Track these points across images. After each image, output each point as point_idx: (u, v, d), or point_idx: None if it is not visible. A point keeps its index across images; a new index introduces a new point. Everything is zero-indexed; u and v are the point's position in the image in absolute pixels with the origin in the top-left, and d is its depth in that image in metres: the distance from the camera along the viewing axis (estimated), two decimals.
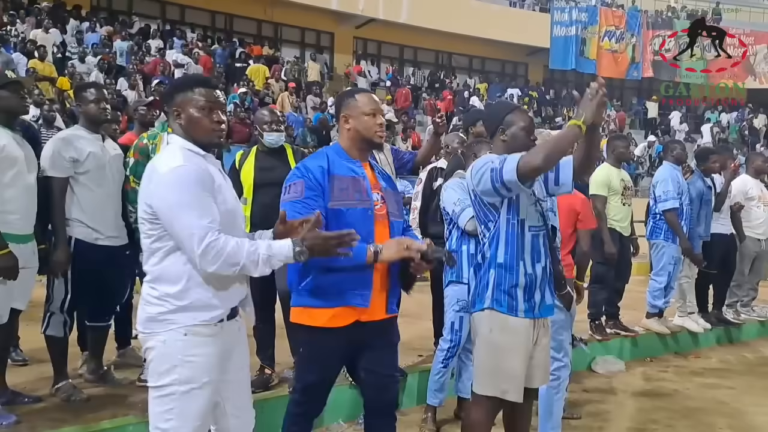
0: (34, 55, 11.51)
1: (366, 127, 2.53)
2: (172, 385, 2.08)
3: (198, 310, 2.09)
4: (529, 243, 2.73)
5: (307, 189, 2.43)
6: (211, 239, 1.99)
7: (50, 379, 3.69)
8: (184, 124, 2.16)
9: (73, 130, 3.71)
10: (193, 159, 2.11)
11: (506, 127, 2.81)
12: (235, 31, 18.87)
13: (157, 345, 2.09)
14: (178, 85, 2.32)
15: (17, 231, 3.29)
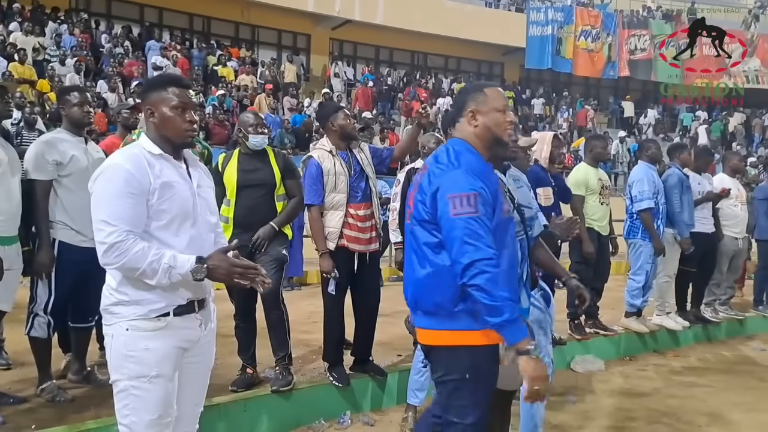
0: (14, 58, 11.47)
1: (497, 123, 2.31)
2: (122, 380, 2.15)
3: (136, 305, 2.14)
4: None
5: (482, 204, 2.17)
6: (117, 240, 2.05)
7: (34, 380, 3.74)
8: (157, 122, 2.23)
9: (56, 133, 3.76)
10: (136, 160, 2.14)
11: None
12: (213, 34, 18.86)
13: (108, 340, 2.18)
14: (151, 84, 2.37)
15: (1, 233, 3.36)
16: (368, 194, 4.08)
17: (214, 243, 2.35)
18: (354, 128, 4.20)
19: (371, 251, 4.09)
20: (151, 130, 2.25)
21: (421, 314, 2.32)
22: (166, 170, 2.19)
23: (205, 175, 2.41)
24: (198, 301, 2.25)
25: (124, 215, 2.07)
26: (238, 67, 15.87)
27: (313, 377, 4.21)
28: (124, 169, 2.11)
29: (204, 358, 2.34)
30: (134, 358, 2.12)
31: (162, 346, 2.15)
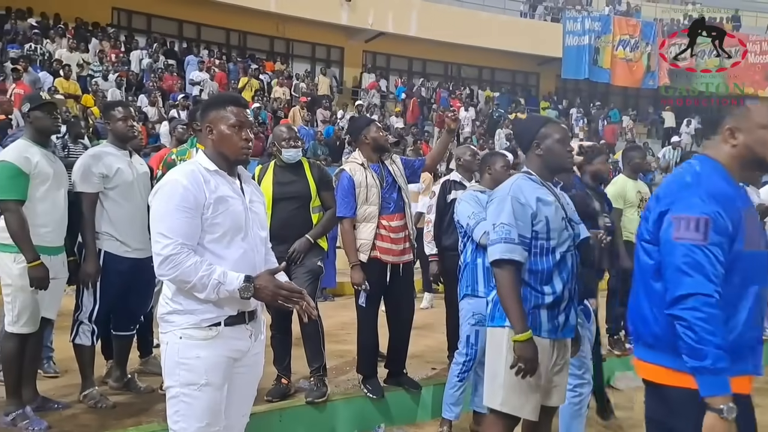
0: (60, 74, 11.93)
1: (763, 142, 2.04)
2: (174, 387, 2.25)
3: (189, 314, 2.24)
4: (557, 267, 2.70)
5: (715, 232, 1.92)
6: (172, 252, 2.16)
7: (78, 386, 3.88)
8: (215, 139, 2.33)
9: (102, 147, 3.92)
10: (193, 177, 2.25)
11: (541, 141, 2.77)
12: (249, 48, 19.26)
13: (163, 347, 2.29)
14: (211, 103, 2.48)
15: (48, 243, 3.50)
16: (401, 205, 4.13)
17: (264, 258, 2.44)
18: (386, 140, 4.26)
19: (404, 262, 4.13)
20: (209, 147, 2.36)
21: (642, 345, 2.14)
22: (221, 186, 2.29)
23: (257, 191, 2.51)
24: (248, 313, 2.33)
25: (179, 229, 2.18)
26: (270, 80, 16.12)
27: (347, 389, 4.25)
28: (181, 185, 2.21)
29: (253, 369, 2.42)
30: (186, 366, 2.21)
31: (212, 355, 2.23)
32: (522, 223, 2.65)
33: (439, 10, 19.68)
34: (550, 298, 2.70)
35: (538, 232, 2.68)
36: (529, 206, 2.67)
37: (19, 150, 3.44)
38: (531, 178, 2.77)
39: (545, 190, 2.75)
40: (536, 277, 2.70)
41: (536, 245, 2.68)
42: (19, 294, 3.43)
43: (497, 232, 2.66)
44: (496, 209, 2.70)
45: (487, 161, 4.17)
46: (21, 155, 3.41)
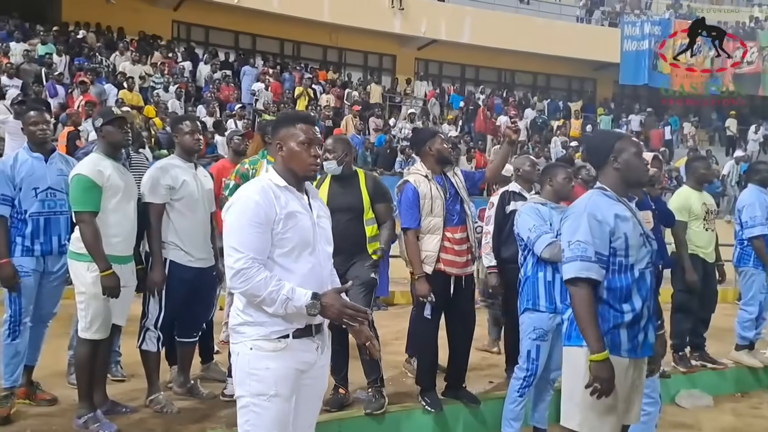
0: (123, 86, 12.42)
1: None
2: (245, 397, 2.32)
3: (259, 326, 2.30)
4: (636, 284, 2.68)
5: None
6: (243, 266, 2.23)
7: (143, 390, 4.03)
8: (285, 156, 2.40)
9: (169, 159, 4.07)
10: (264, 193, 2.32)
11: (617, 155, 2.73)
12: (303, 57, 19.60)
13: (234, 357, 2.37)
14: (282, 120, 2.57)
15: (119, 253, 3.66)
16: (464, 217, 4.13)
17: (330, 273, 2.50)
18: (450, 152, 4.27)
19: (467, 275, 4.13)
20: (279, 163, 2.43)
21: None
22: (290, 201, 2.36)
23: (324, 207, 2.58)
24: (315, 326, 2.39)
25: (251, 244, 2.25)
26: (323, 89, 16.33)
27: (402, 400, 4.26)
28: (253, 201, 2.29)
29: (319, 381, 2.48)
30: (256, 377, 2.28)
31: (281, 367, 2.29)
32: (599, 240, 2.62)
33: (493, 17, 19.60)
34: (630, 316, 2.65)
35: (616, 249, 2.64)
36: (606, 223, 2.63)
37: (92, 163, 3.61)
38: (606, 194, 2.74)
39: (622, 206, 2.71)
40: (615, 295, 2.65)
41: (614, 262, 2.64)
42: (92, 301, 3.58)
43: (572, 250, 2.63)
44: (572, 226, 2.68)
45: (549, 173, 4.13)
46: (94, 168, 3.58)
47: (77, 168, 3.62)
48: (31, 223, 3.77)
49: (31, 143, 3.88)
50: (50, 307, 4.01)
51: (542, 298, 3.86)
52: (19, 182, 3.76)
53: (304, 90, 15.06)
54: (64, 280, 3.98)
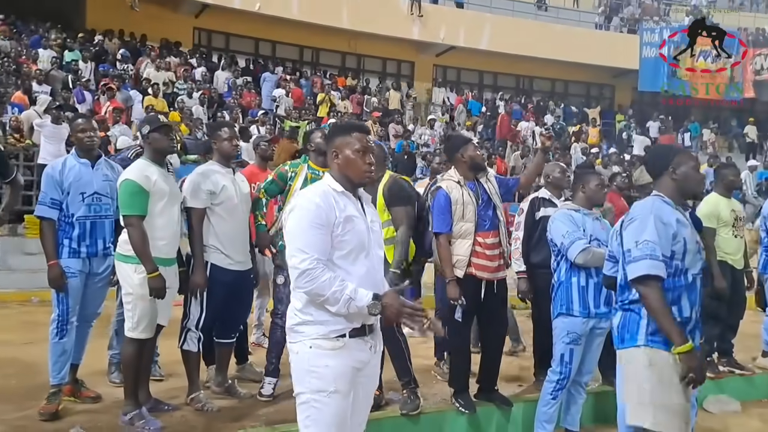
0: (148, 92, 12.61)
1: None
2: (305, 393, 2.41)
3: (319, 325, 2.40)
4: (687, 289, 2.80)
5: None
6: (309, 267, 2.33)
7: (181, 389, 4.18)
8: (341, 163, 2.51)
9: (209, 165, 4.19)
10: (325, 196, 2.44)
11: (677, 167, 2.89)
12: (321, 64, 19.83)
13: (293, 356, 2.46)
14: (337, 129, 2.67)
15: (164, 255, 3.80)
16: (496, 223, 4.21)
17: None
18: (483, 159, 4.36)
19: (498, 279, 4.21)
20: (335, 170, 2.54)
21: None
22: (348, 206, 2.48)
23: (376, 213, 2.70)
24: (368, 326, 2.49)
25: (315, 245, 2.36)
26: (341, 96, 16.45)
27: (435, 402, 4.34)
28: (314, 204, 2.40)
29: (371, 380, 2.59)
30: (316, 374, 2.38)
31: (340, 365, 2.39)
32: (664, 241, 2.73)
33: (511, 24, 19.69)
34: (678, 319, 2.74)
35: (675, 253, 2.75)
36: (670, 226, 2.76)
37: (139, 169, 3.76)
38: (666, 201, 2.87)
39: (680, 213, 2.84)
40: (668, 297, 2.75)
41: (671, 265, 2.75)
42: (139, 302, 3.72)
43: (641, 249, 2.71)
44: (639, 227, 2.77)
45: (581, 179, 4.20)
46: (142, 174, 3.72)
47: (125, 174, 3.76)
48: (78, 227, 3.92)
49: (78, 149, 4.03)
50: (94, 308, 4.15)
51: (576, 303, 3.93)
52: (67, 187, 3.91)
53: (325, 96, 15.23)
54: (108, 281, 4.13)
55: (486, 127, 17.69)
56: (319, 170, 4.29)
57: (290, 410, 4.04)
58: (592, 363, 4.14)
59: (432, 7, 19.38)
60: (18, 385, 4.43)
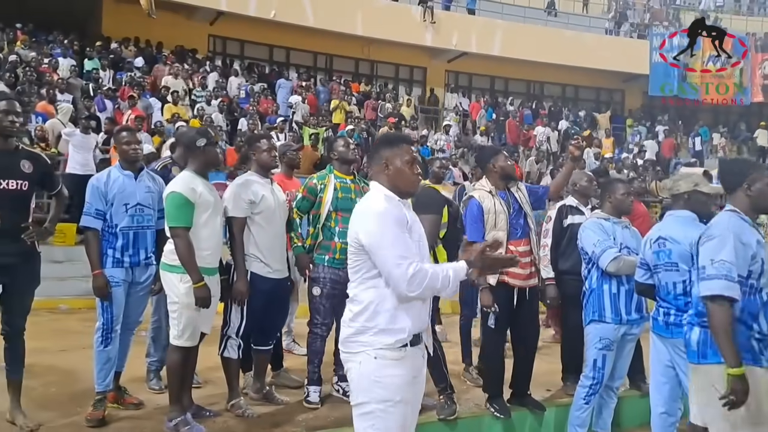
0: (168, 99, 12.70)
1: None
2: (370, 403, 2.43)
3: (383, 334, 2.43)
4: (764, 306, 2.84)
5: None
6: (416, 269, 2.37)
7: (218, 395, 4.28)
8: (391, 174, 2.57)
9: (248, 175, 4.27)
10: (393, 203, 2.51)
11: (752, 183, 2.92)
12: (335, 70, 19.93)
13: (354, 366, 2.47)
14: (385, 141, 2.73)
15: (208, 265, 3.86)
16: (527, 231, 4.28)
17: None
18: (513, 169, 4.43)
19: (530, 287, 4.28)
20: (385, 181, 2.59)
21: None
22: (407, 213, 2.56)
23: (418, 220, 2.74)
24: (422, 334, 2.55)
25: (410, 248, 2.43)
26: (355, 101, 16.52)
27: (469, 407, 4.41)
28: (392, 213, 2.46)
29: (422, 386, 2.64)
30: (381, 384, 2.41)
31: (404, 374, 2.44)
32: (741, 261, 2.77)
33: (523, 30, 19.77)
34: (757, 336, 2.81)
35: (752, 272, 2.80)
36: (750, 246, 2.79)
37: (185, 181, 3.83)
38: (744, 219, 2.90)
39: (756, 231, 2.88)
40: (746, 315, 2.80)
41: (747, 284, 2.79)
42: (184, 311, 3.79)
43: (717, 268, 2.75)
44: (717, 245, 2.80)
45: (608, 189, 4.27)
46: (188, 186, 3.79)
47: (172, 186, 3.84)
48: (121, 237, 4.01)
49: (123, 161, 4.13)
50: (136, 316, 4.24)
51: (608, 310, 4.00)
52: (111, 198, 4.00)
53: (339, 102, 15.33)
54: (149, 290, 4.21)
55: (499, 132, 17.74)
56: (346, 178, 4.41)
57: (328, 416, 4.18)
58: (623, 368, 4.21)
59: (444, 14, 19.49)
60: (59, 392, 4.50)
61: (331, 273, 4.27)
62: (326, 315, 4.35)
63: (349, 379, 2.51)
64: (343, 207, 4.28)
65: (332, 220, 4.30)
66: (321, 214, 4.33)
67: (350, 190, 4.38)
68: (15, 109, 3.75)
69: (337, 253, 4.25)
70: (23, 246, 3.73)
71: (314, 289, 4.34)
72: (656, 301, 3.65)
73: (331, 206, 4.30)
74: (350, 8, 17.90)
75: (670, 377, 3.66)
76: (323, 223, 4.32)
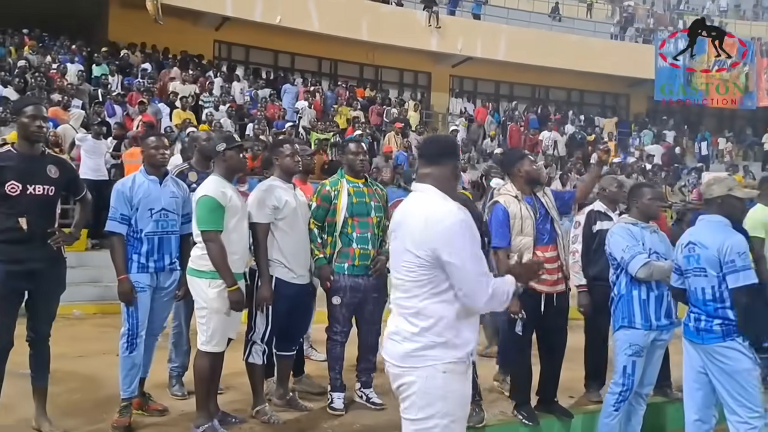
0: (176, 105, 12.68)
1: None
2: (433, 418, 2.36)
3: (454, 348, 2.38)
4: None
5: None
6: (494, 286, 2.38)
7: (240, 401, 4.29)
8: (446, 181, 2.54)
9: (271, 180, 4.25)
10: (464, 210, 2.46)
11: None
12: (340, 75, 19.97)
13: (417, 380, 2.38)
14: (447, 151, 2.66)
15: (236, 269, 3.84)
16: (554, 236, 4.26)
17: None
18: (539, 174, 4.41)
19: (558, 292, 4.25)
20: (442, 186, 2.53)
21: None
22: None
23: None
24: None
25: (484, 263, 2.42)
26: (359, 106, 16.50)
27: (495, 414, 4.38)
28: (469, 224, 2.41)
29: None
30: (448, 399, 2.35)
31: (466, 389, 2.43)
32: None
33: (528, 35, 19.82)
34: None
35: None
36: None
37: (215, 185, 3.81)
38: None
39: None
40: None
41: None
42: (213, 316, 3.77)
43: None
44: None
45: (635, 194, 4.25)
46: (218, 190, 3.78)
47: (202, 190, 3.82)
48: (146, 242, 3.99)
49: (148, 166, 4.11)
50: (160, 321, 4.22)
51: (637, 316, 3.96)
52: (136, 203, 3.99)
53: (338, 108, 15.34)
54: (173, 295, 4.19)
55: (504, 137, 17.74)
56: (358, 182, 4.37)
57: (354, 422, 4.16)
58: (653, 375, 4.17)
59: (449, 19, 19.55)
60: (83, 398, 4.48)
61: (351, 281, 4.24)
62: (345, 323, 4.35)
63: (407, 393, 2.41)
64: (358, 212, 4.27)
65: (349, 226, 4.25)
66: (337, 221, 4.28)
67: (364, 194, 4.34)
68: (42, 114, 3.74)
69: (356, 259, 4.24)
70: (49, 251, 3.71)
71: (334, 299, 4.30)
72: (687, 306, 3.63)
73: (346, 212, 4.24)
74: (356, 14, 17.97)
75: (703, 383, 3.64)
76: (340, 230, 4.27)
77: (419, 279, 2.39)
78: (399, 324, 2.46)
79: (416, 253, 2.38)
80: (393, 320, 2.52)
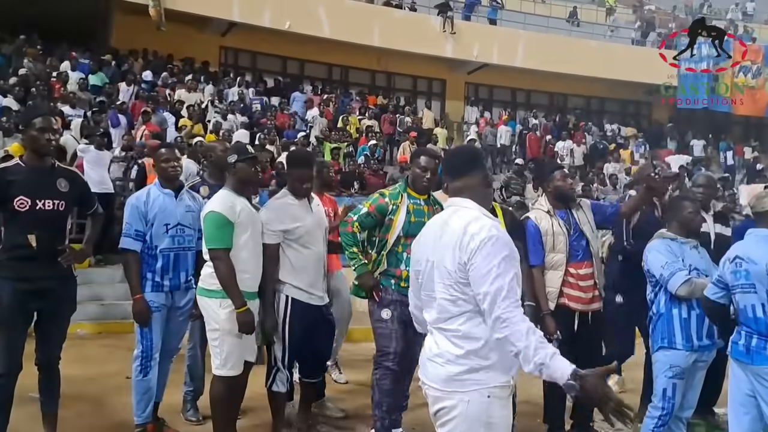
0: (182, 114, 12.71)
1: None
2: None
3: (498, 372, 2.29)
4: None
5: None
6: (510, 315, 2.17)
7: (257, 426, 4.28)
8: (477, 196, 2.48)
9: (282, 196, 4.10)
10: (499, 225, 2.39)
11: None
12: (351, 82, 20.00)
13: (458, 404, 2.30)
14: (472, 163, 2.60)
15: (248, 289, 3.75)
16: (589, 253, 4.20)
17: None
18: (571, 188, 4.36)
19: (592, 311, 4.19)
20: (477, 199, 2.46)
21: None
22: None
23: None
24: None
25: (515, 287, 2.25)
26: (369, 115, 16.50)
27: None
28: (505, 239, 2.30)
29: None
30: (491, 424, 2.27)
31: (509, 413, 2.35)
32: None
33: (546, 41, 19.75)
34: None
35: None
36: None
37: (224, 200, 3.74)
38: None
39: None
40: None
41: None
42: (226, 338, 3.69)
43: None
44: None
45: (675, 207, 4.18)
46: (226, 205, 3.71)
47: (210, 205, 3.75)
48: (161, 259, 3.95)
49: (162, 179, 4.08)
50: (176, 342, 4.18)
51: (678, 336, 3.88)
52: (151, 218, 3.95)
53: (346, 117, 15.37)
54: (188, 315, 4.14)
55: (521, 146, 17.70)
56: (420, 198, 4.05)
57: None
58: (694, 398, 4.07)
59: (465, 24, 19.54)
60: (94, 423, 4.44)
61: (400, 296, 3.79)
62: (398, 343, 3.90)
63: (447, 418, 2.32)
64: (414, 232, 3.66)
65: (400, 245, 3.93)
66: (389, 239, 3.95)
67: (423, 213, 3.96)
68: (52, 126, 3.70)
69: (402, 281, 3.85)
70: (60, 269, 3.67)
71: (384, 312, 3.94)
72: (736, 324, 3.55)
73: (401, 231, 3.92)
74: (367, 19, 17.99)
75: (751, 407, 3.54)
76: (389, 249, 3.98)
77: (461, 297, 2.32)
78: (442, 345, 2.37)
79: (453, 269, 2.31)
80: (432, 341, 2.43)
